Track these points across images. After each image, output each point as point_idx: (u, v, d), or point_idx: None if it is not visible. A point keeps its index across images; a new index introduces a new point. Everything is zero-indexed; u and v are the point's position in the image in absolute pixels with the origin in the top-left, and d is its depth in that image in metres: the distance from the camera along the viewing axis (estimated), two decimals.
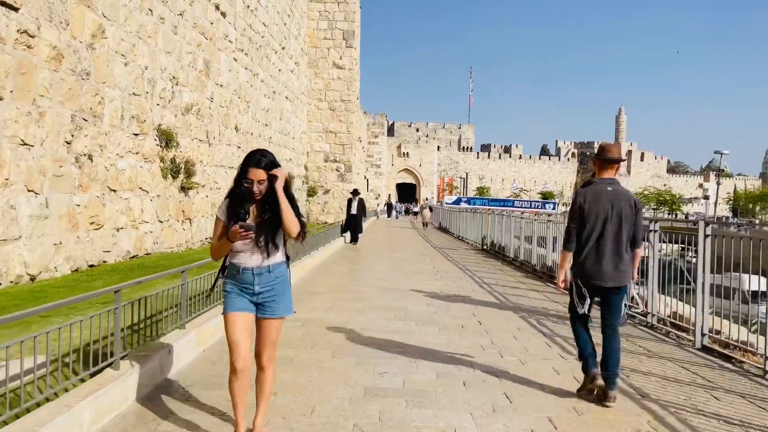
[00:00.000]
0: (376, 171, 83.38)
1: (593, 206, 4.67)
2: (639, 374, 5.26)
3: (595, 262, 4.65)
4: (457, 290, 10.22)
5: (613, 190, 4.72)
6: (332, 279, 11.13)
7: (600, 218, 4.65)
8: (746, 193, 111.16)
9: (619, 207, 4.66)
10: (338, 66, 36.55)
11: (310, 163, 36.33)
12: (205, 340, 5.64)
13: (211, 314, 6.08)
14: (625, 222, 4.66)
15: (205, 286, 6.15)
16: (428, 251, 18.57)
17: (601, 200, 4.67)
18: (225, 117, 20.20)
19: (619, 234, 4.65)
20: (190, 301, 5.66)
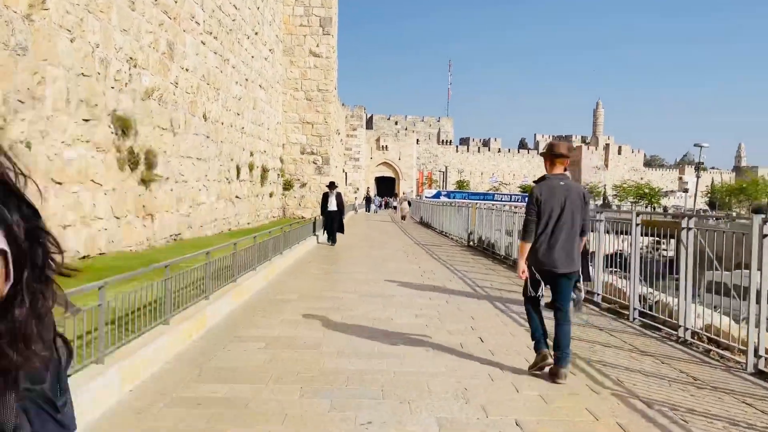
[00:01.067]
0: (354, 164, 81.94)
1: (548, 200, 5.00)
2: (700, 417, 4.09)
3: (549, 250, 4.99)
4: (448, 296, 9.02)
5: (565, 185, 5.10)
6: (306, 282, 9.83)
7: (555, 211, 4.99)
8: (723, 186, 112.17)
9: (571, 200, 5.02)
10: (315, 54, 35.05)
11: (286, 156, 34.86)
12: (132, 377, 4.33)
13: (146, 339, 4.78)
14: (576, 213, 5.05)
15: (137, 302, 4.84)
16: (412, 248, 17.35)
17: (555, 194, 5.02)
18: (192, 104, 18.71)
19: (572, 225, 5.03)
20: (110, 325, 4.34)
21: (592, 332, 6.77)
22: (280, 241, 11.95)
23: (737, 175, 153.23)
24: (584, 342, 6.25)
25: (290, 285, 9.52)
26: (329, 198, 18.19)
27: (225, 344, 5.73)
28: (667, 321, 6.87)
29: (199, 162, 19.60)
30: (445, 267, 12.66)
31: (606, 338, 6.49)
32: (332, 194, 18.32)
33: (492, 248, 15.30)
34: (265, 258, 10.22)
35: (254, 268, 9.20)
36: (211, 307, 6.56)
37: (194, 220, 19.04)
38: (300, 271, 11.37)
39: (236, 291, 7.72)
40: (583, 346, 6.06)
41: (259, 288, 8.89)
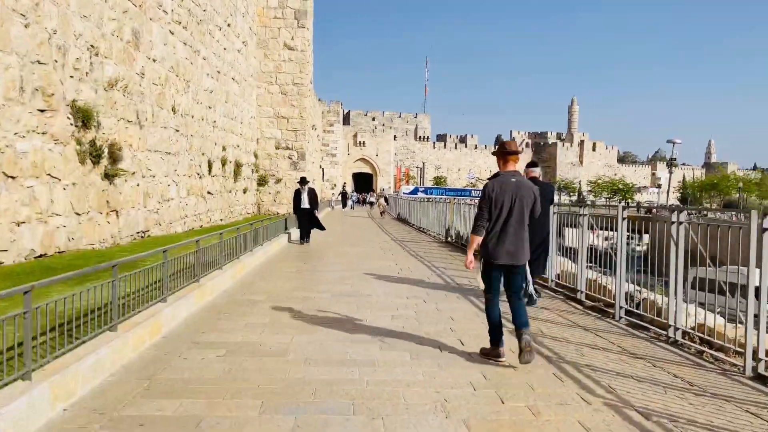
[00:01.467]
0: (331, 160, 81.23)
1: (500, 196, 5.21)
2: (703, 430, 3.70)
3: (500, 244, 5.21)
4: (426, 294, 8.57)
5: (516, 181, 5.29)
6: (276, 283, 9.29)
7: (506, 206, 5.20)
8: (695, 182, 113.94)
9: (522, 196, 5.23)
10: (290, 47, 34.35)
11: (261, 151, 34.13)
12: (67, 394, 3.78)
13: (87, 349, 4.23)
14: (526, 209, 5.27)
15: (81, 306, 4.28)
16: (388, 245, 16.88)
17: (507, 190, 5.22)
18: (160, 96, 17.99)
19: (521, 220, 5.25)
20: (47, 335, 3.79)
21: (577, 332, 6.40)
22: (249, 239, 11.40)
23: (707, 170, 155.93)
24: (571, 344, 5.86)
25: (259, 285, 8.98)
26: (301, 195, 17.11)
27: (181, 352, 5.20)
28: (655, 320, 6.54)
29: (168, 156, 18.89)
30: (422, 264, 12.23)
31: (593, 339, 6.11)
32: (304, 190, 17.19)
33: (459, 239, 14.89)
34: (233, 256, 9.67)
35: (220, 267, 8.65)
36: (169, 311, 6.02)
37: (163, 217, 18.34)
38: (271, 270, 10.83)
39: (199, 292, 7.17)
40: (570, 349, 5.67)
41: (224, 288, 8.35)
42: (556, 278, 9.19)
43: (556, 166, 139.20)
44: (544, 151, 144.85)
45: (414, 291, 8.79)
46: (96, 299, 4.72)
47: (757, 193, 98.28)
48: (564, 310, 7.62)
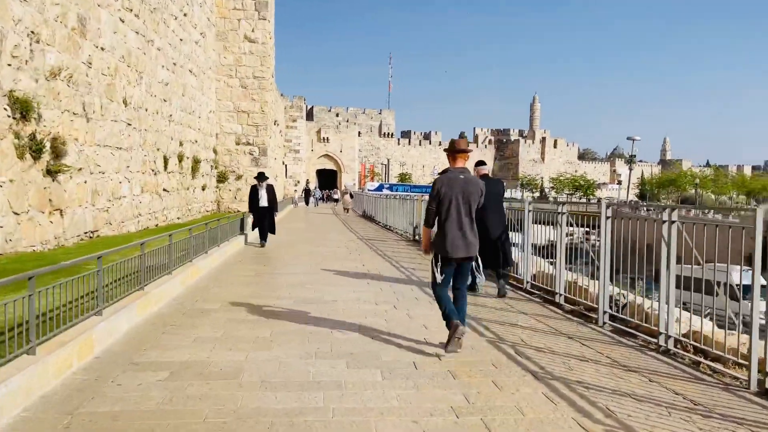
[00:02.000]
0: (295, 156, 79.97)
1: (448, 191, 5.43)
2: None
3: (449, 238, 5.43)
4: (395, 298, 7.96)
5: (464, 178, 5.50)
6: (232, 288, 8.53)
7: (453, 202, 5.42)
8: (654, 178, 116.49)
9: (469, 192, 5.45)
10: (250, 39, 33.27)
11: (220, 146, 32.99)
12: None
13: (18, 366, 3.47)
14: (473, 204, 5.50)
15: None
16: (354, 244, 16.21)
17: (455, 186, 5.44)
18: (109, 87, 16.92)
19: (469, 215, 5.46)
20: None
21: (561, 341, 5.88)
22: (205, 239, 10.59)
23: (663, 167, 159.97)
24: (557, 356, 5.33)
25: (213, 291, 8.20)
26: (259, 192, 15.62)
27: (115, 375, 4.46)
28: (642, 326, 6.08)
29: (120, 152, 17.82)
30: (391, 265, 11.61)
31: (579, 349, 5.60)
32: (262, 187, 15.64)
33: None
34: (186, 259, 8.87)
35: (170, 272, 7.86)
36: (104, 325, 5.25)
37: (114, 216, 17.30)
38: (227, 273, 10.03)
39: (143, 301, 6.39)
40: (557, 362, 5.14)
41: (174, 296, 7.56)
42: (532, 279, 8.72)
43: (518, 163, 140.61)
44: (506, 148, 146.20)
45: (383, 295, 8.17)
46: (9, 317, 3.96)
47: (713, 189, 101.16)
48: (543, 314, 7.12)
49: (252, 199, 15.77)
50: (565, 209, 7.76)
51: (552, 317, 6.98)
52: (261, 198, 15.46)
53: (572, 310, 7.32)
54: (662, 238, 5.56)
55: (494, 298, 8.11)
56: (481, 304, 7.68)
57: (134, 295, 6.39)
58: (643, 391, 4.44)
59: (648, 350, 5.60)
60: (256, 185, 15.90)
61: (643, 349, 5.63)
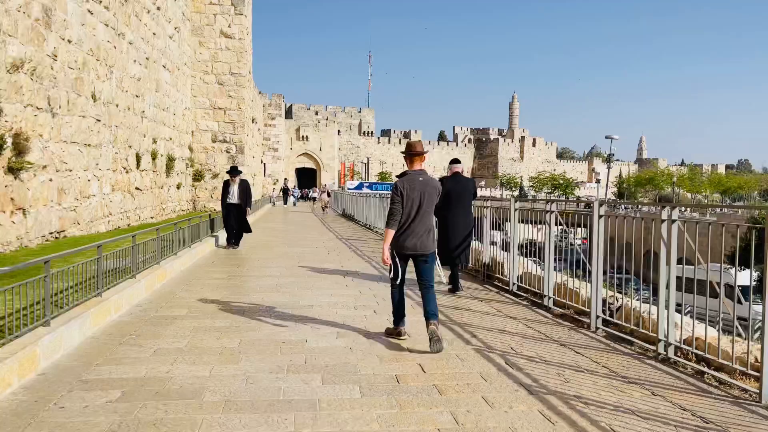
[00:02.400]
0: (273, 155, 79.08)
1: (409, 193, 5.62)
2: None
3: (409, 236, 5.62)
4: (375, 302, 7.50)
5: (423, 180, 5.72)
6: (202, 292, 7.98)
7: (415, 202, 5.62)
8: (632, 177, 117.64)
9: (428, 193, 5.68)
10: (227, 35, 32.55)
11: (196, 144, 32.23)
12: None
13: None
14: (432, 204, 5.72)
15: None
16: (333, 244, 15.71)
17: (415, 187, 5.64)
18: (77, 82, 16.21)
19: (428, 214, 5.70)
20: None
21: (553, 349, 5.48)
22: (176, 240, 10.02)
23: (640, 166, 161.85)
24: (551, 366, 4.92)
25: (181, 296, 7.65)
26: (230, 187, 14.21)
27: (59, 396, 3.94)
28: (637, 331, 5.71)
29: (88, 149, 17.11)
30: (371, 265, 11.14)
31: (573, 358, 5.21)
32: (234, 182, 14.27)
33: None
34: (153, 261, 8.31)
35: (133, 276, 7.31)
36: (52, 338, 4.71)
37: (82, 215, 16.60)
38: (197, 276, 9.46)
39: (99, 309, 5.84)
40: (550, 373, 4.73)
41: (137, 302, 7.01)
42: (518, 281, 8.33)
43: (497, 162, 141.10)
44: (486, 147, 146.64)
45: (363, 299, 7.71)
46: None
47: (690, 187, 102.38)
48: (532, 319, 6.72)
49: (223, 195, 14.46)
50: (554, 207, 7.37)
51: (541, 322, 6.59)
52: (231, 194, 14.04)
53: (562, 314, 6.94)
54: (661, 238, 5.19)
55: (479, 301, 7.72)
56: (465, 307, 7.27)
57: (91, 302, 5.84)
58: (647, 406, 4.05)
59: (646, 358, 5.23)
60: (228, 180, 14.50)
61: (641, 358, 5.26)
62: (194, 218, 12.51)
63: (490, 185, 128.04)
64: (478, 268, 9.87)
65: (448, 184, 8.41)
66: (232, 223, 14.04)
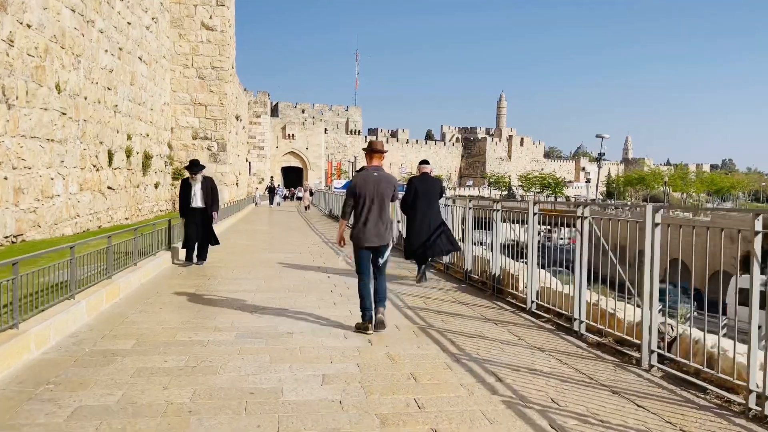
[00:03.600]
0: (259, 153, 77.50)
1: (363, 187, 6.07)
2: None
3: (364, 229, 6.06)
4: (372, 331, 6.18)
5: (378, 175, 6.16)
6: (159, 315, 6.56)
7: (368, 196, 6.05)
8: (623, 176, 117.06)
9: (381, 188, 6.09)
10: (208, 27, 31.04)
11: (176, 141, 30.71)
12: None
13: None
14: (386, 198, 6.12)
15: None
16: (318, 249, 14.35)
17: (369, 182, 6.09)
18: (38, 70, 14.74)
19: (381, 207, 6.08)
20: None
21: (605, 399, 4.17)
22: (134, 248, 8.61)
23: (626, 165, 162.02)
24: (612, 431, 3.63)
25: (131, 321, 6.23)
26: (192, 188, 11.06)
27: None
28: (707, 374, 4.46)
29: (52, 144, 15.64)
30: None
31: (636, 415, 3.89)
32: (196, 181, 11.09)
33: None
34: (102, 276, 6.93)
35: (71, 296, 5.93)
36: None
37: (44, 217, 15.12)
38: (157, 293, 8.00)
39: (11, 347, 4.47)
40: None
41: (72, 330, 5.61)
42: (536, 298, 7.07)
43: (485, 161, 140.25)
44: (474, 146, 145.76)
45: (352, 317, 6.38)
46: None
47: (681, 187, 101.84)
48: (564, 351, 5.44)
49: (183, 197, 11.22)
50: (587, 212, 6.08)
51: (577, 355, 5.31)
52: (194, 196, 10.99)
53: (598, 342, 5.67)
54: (752, 253, 3.93)
55: (494, 325, 6.42)
56: (479, 333, 5.96)
57: (3, 335, 4.47)
58: None
59: (733, 415, 3.95)
60: (187, 179, 11.27)
61: (726, 415, 3.95)
62: (160, 222, 11.07)
63: (478, 184, 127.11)
64: (484, 280, 8.59)
65: (417, 183, 9.34)
66: (192, 233, 10.92)
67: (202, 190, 11.04)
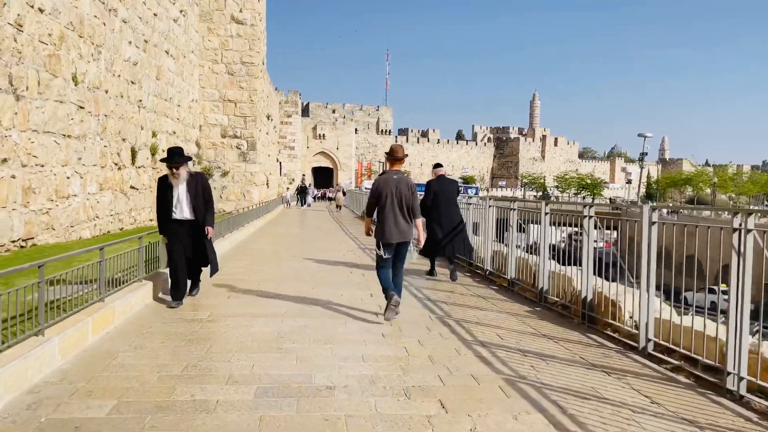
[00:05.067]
0: (290, 153, 76.65)
1: (384, 189, 6.71)
2: None
3: (386, 227, 6.65)
4: (437, 376, 4.55)
5: (397, 178, 6.76)
6: (158, 352, 4.93)
7: (388, 197, 6.67)
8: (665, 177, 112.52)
9: (400, 190, 6.69)
10: (238, 20, 29.82)
11: (204, 139, 29.56)
12: None
13: None
14: (404, 200, 6.69)
15: None
16: (355, 256, 12.75)
17: (389, 184, 6.70)
18: (51, 59, 13.52)
19: (401, 208, 6.68)
20: None
21: None
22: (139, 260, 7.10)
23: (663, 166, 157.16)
24: None
25: (118, 365, 4.61)
26: (173, 190, 7.27)
27: None
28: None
29: (68, 140, 14.42)
30: (410, 293, 8.16)
31: None
32: (179, 180, 7.26)
33: (470, 258, 11.01)
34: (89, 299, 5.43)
35: (40, 332, 4.43)
36: None
37: (58, 219, 13.89)
38: (163, 317, 6.44)
39: None
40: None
41: (34, 383, 4.08)
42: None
43: (518, 162, 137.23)
44: (506, 146, 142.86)
45: (414, 369, 4.73)
46: None
47: (732, 188, 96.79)
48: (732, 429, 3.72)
49: (161, 203, 7.34)
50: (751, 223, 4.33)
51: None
52: (178, 202, 7.22)
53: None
54: None
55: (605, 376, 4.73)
56: (603, 394, 4.25)
57: None
58: None
59: None
60: (165, 177, 7.34)
61: None
62: None
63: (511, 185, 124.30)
64: (566, 303, 6.89)
65: (435, 185, 9.97)
66: (179, 260, 7.22)
67: (188, 194, 7.19)
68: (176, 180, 7.20)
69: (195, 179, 7.36)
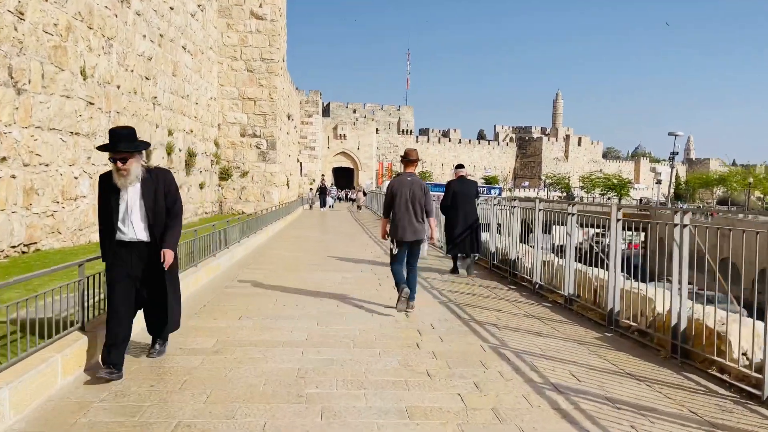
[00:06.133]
0: (310, 154, 75.77)
1: (398, 190, 7.15)
2: None
3: (400, 226, 7.08)
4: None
5: (411, 180, 7.23)
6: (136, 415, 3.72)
7: (402, 198, 7.11)
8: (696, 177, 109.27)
9: (413, 191, 7.13)
10: (257, 16, 28.89)
11: (223, 138, 28.68)
12: None
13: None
14: (418, 200, 7.11)
15: None
16: (382, 263, 11.58)
17: (404, 186, 7.17)
18: (57, 51, 12.61)
19: (414, 208, 7.09)
20: None
21: None
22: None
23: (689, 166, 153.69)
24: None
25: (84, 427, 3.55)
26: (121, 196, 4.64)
27: None
28: None
29: (76, 138, 13.51)
30: (448, 309, 7.02)
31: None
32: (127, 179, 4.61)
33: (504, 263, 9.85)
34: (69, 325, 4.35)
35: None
36: None
37: (65, 222, 12.97)
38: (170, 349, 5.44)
39: None
40: None
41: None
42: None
43: (541, 162, 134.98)
44: (529, 146, 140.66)
45: (478, 424, 3.60)
46: None
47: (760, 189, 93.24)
48: None
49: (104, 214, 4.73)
50: None
51: None
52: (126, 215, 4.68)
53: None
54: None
55: None
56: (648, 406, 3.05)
57: None
58: None
59: None
60: (108, 174, 4.70)
61: None
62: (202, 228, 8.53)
63: (534, 186, 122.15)
64: (645, 329, 5.66)
65: (455, 186, 10.57)
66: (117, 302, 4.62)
67: (143, 201, 4.70)
68: (124, 179, 4.59)
69: (154, 178, 4.76)
